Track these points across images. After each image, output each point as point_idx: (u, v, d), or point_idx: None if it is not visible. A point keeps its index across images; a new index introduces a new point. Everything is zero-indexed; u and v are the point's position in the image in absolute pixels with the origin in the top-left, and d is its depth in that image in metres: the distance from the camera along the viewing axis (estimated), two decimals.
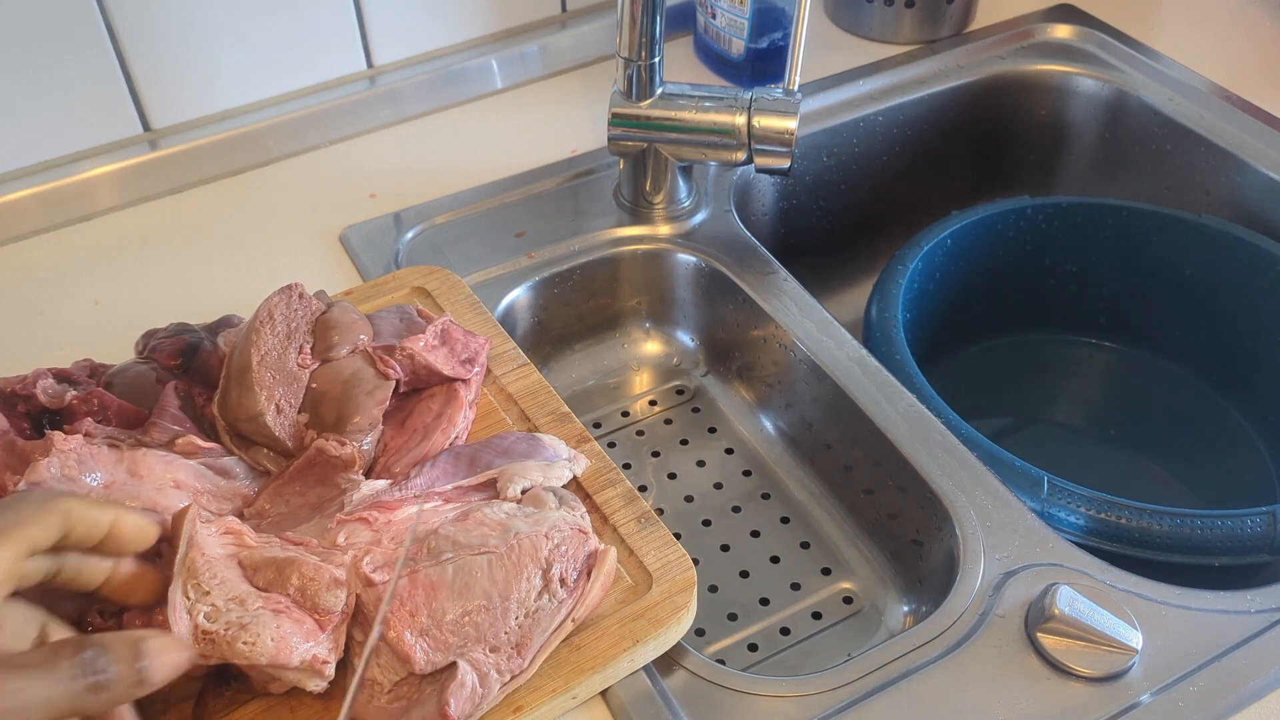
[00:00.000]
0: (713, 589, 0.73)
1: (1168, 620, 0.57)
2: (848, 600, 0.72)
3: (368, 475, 0.59)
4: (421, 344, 0.62)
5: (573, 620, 0.53)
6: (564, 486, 0.60)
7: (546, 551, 0.53)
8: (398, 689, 0.51)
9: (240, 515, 0.57)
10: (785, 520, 0.76)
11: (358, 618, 0.51)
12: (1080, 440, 0.92)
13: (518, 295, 0.77)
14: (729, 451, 0.80)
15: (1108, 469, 0.89)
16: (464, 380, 0.64)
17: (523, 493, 0.57)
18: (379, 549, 0.53)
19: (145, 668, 0.42)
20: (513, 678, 0.51)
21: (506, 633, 0.51)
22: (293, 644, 0.48)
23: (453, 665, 0.50)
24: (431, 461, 0.59)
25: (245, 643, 0.48)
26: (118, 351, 0.66)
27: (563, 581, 0.53)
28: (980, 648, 0.56)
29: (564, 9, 0.98)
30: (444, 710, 0.48)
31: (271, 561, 0.51)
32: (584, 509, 0.57)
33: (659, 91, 0.76)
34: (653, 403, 0.84)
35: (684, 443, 0.81)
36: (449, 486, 0.58)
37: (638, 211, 0.81)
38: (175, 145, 0.85)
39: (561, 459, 0.60)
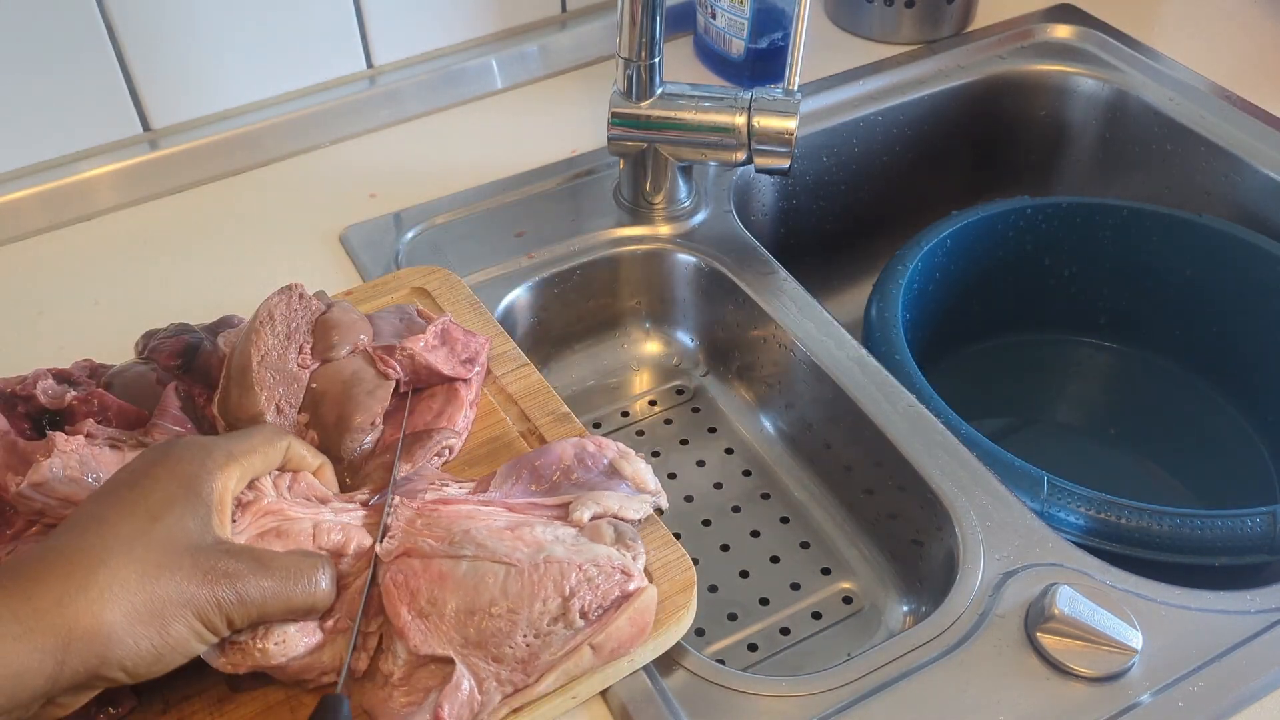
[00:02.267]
0: (713, 589, 0.73)
1: (1168, 620, 0.57)
2: (848, 600, 0.72)
3: (360, 470, 0.60)
4: (422, 344, 0.62)
5: (591, 647, 0.51)
6: None
7: (574, 582, 0.51)
8: (411, 688, 0.50)
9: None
10: (785, 520, 0.76)
11: (373, 598, 0.52)
12: (1080, 440, 0.92)
13: (518, 295, 0.77)
14: (729, 451, 0.80)
15: (1108, 469, 0.88)
16: (464, 380, 0.64)
17: (591, 518, 0.56)
18: (409, 528, 0.53)
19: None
20: (515, 690, 0.50)
21: (511, 647, 0.50)
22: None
23: (450, 667, 0.50)
24: (515, 476, 0.58)
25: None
26: (118, 351, 0.66)
27: (584, 614, 0.51)
28: (980, 648, 0.56)
29: (564, 9, 0.98)
30: (438, 713, 0.48)
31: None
32: (641, 550, 0.55)
33: (659, 91, 0.76)
34: (653, 403, 0.84)
35: (684, 443, 0.81)
36: (522, 500, 0.57)
37: (638, 211, 0.81)
38: (175, 145, 0.85)
39: (643, 494, 0.58)
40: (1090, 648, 0.55)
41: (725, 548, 0.75)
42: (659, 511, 0.59)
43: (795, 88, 0.74)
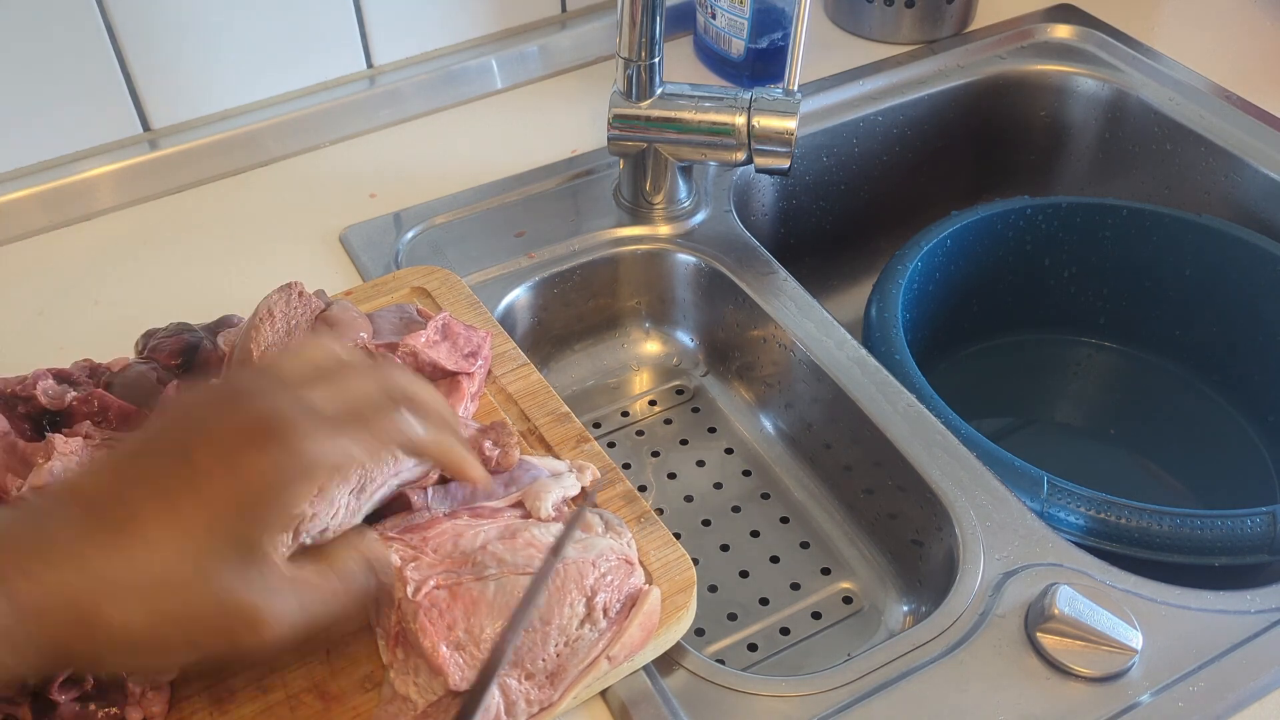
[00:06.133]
0: (712, 589, 0.73)
1: (1168, 620, 0.57)
2: (847, 600, 0.72)
3: None
4: (423, 340, 0.62)
5: (608, 659, 0.51)
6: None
7: (592, 580, 0.51)
8: (431, 712, 0.50)
9: None
10: (785, 520, 0.76)
11: (400, 634, 0.51)
12: (1080, 440, 0.92)
13: (518, 295, 0.77)
14: (729, 451, 0.80)
15: (1108, 469, 0.88)
16: (468, 374, 0.64)
17: (553, 505, 0.56)
18: (423, 559, 0.52)
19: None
20: (541, 710, 0.50)
21: (544, 660, 0.50)
22: None
23: None
24: (445, 491, 0.57)
25: None
26: (118, 351, 0.66)
27: (605, 612, 0.51)
28: (980, 648, 0.56)
29: (564, 9, 0.98)
30: None
31: None
32: (630, 535, 0.56)
33: (659, 92, 0.76)
34: (653, 403, 0.84)
35: (684, 443, 0.81)
36: (483, 506, 0.56)
37: (638, 211, 0.81)
38: (175, 145, 0.85)
39: (562, 470, 0.59)
40: (1090, 648, 0.55)
41: (725, 548, 0.75)
42: (652, 508, 0.59)
43: (795, 88, 0.74)
